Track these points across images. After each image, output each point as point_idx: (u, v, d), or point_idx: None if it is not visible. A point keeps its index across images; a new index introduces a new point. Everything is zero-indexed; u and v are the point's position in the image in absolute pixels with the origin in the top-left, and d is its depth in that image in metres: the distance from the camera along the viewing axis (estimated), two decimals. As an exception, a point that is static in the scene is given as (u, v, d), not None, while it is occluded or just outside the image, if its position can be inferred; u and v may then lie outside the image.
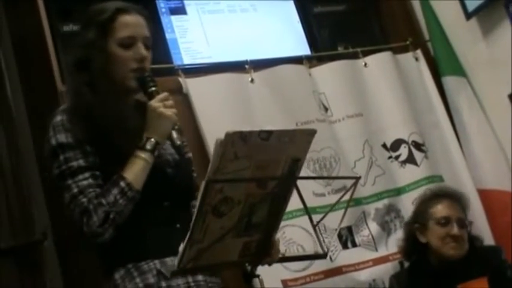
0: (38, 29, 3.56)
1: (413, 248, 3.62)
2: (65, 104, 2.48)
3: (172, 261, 2.26)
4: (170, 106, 2.41)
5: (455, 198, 3.62)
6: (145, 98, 2.45)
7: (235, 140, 1.94)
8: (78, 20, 3.63)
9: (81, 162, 2.34)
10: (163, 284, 2.32)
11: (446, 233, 3.51)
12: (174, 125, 2.40)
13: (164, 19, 4.05)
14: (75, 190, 2.32)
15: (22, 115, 3.88)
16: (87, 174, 2.33)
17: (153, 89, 2.43)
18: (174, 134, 2.41)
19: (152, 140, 2.36)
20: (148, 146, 2.36)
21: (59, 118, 2.40)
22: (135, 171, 2.33)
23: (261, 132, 1.97)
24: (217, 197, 1.99)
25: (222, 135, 1.93)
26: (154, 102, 2.40)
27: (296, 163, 2.07)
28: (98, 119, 2.36)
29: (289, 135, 2.04)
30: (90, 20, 2.50)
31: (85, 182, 2.32)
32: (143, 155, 2.35)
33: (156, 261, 2.35)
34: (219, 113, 3.77)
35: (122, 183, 2.30)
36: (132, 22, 2.48)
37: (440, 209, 3.58)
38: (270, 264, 2.32)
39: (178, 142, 2.43)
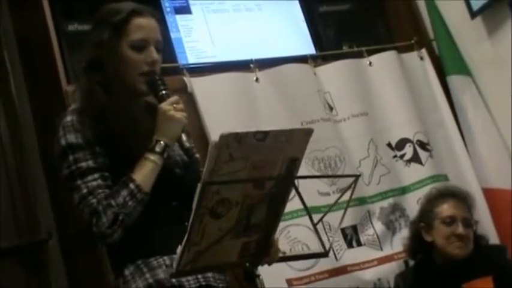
0: (42, 28, 3.56)
1: (419, 246, 3.63)
2: (75, 103, 2.47)
3: None
4: (180, 109, 2.42)
5: (461, 198, 3.62)
6: (156, 100, 2.46)
7: (230, 142, 1.92)
8: (83, 19, 3.65)
9: (90, 163, 2.35)
10: (174, 279, 2.32)
11: (452, 232, 3.51)
12: (183, 128, 2.42)
13: (169, 18, 4.04)
14: (85, 191, 2.32)
15: (27, 114, 3.88)
16: (96, 175, 2.34)
17: (164, 92, 2.44)
18: (184, 137, 2.43)
19: (162, 142, 2.37)
20: (157, 149, 2.37)
21: (69, 118, 2.40)
22: (145, 173, 2.34)
23: (256, 133, 1.96)
24: (214, 198, 1.98)
25: (223, 136, 1.93)
26: (165, 105, 2.41)
27: (294, 162, 2.06)
28: (110, 120, 2.37)
29: (286, 135, 2.02)
30: (103, 20, 2.50)
31: (94, 183, 2.33)
32: (152, 157, 2.36)
33: (166, 257, 2.36)
34: (224, 112, 3.77)
35: (132, 185, 2.31)
36: (145, 25, 2.48)
37: (445, 208, 3.58)
38: (269, 264, 2.32)
39: (188, 145, 2.44)
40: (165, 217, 2.40)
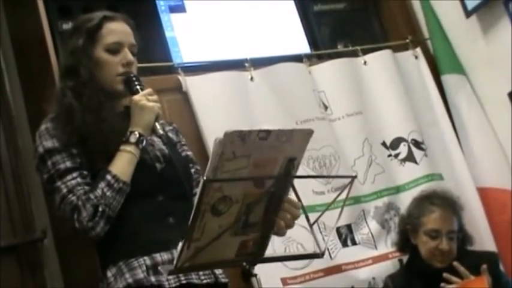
0: (37, 27, 3.55)
1: (406, 244, 3.65)
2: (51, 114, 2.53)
3: (162, 257, 2.37)
4: (153, 100, 2.47)
5: (449, 207, 3.59)
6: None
7: (234, 140, 1.93)
8: (77, 18, 3.64)
9: (68, 164, 2.40)
10: (153, 278, 2.36)
11: (435, 246, 3.52)
12: (157, 117, 2.46)
13: (164, 17, 4.04)
14: (65, 190, 2.38)
15: (21, 113, 3.88)
16: (75, 174, 2.40)
17: (138, 87, 2.49)
18: (158, 126, 2.46)
19: (136, 133, 2.43)
20: (132, 139, 2.42)
21: (43, 127, 2.48)
22: (121, 163, 2.39)
23: (260, 131, 1.97)
24: (215, 195, 1.99)
25: (221, 134, 1.93)
26: (137, 97, 2.46)
27: (292, 162, 2.07)
28: (77, 122, 2.42)
29: (287, 135, 2.03)
30: (78, 28, 2.58)
31: (73, 182, 2.38)
32: (128, 148, 2.41)
33: (146, 257, 2.38)
34: (219, 111, 3.76)
35: (108, 176, 2.36)
36: (118, 29, 2.56)
37: (432, 220, 3.57)
38: (286, 229, 2.26)
39: (161, 132, 2.47)
40: (150, 213, 2.44)
